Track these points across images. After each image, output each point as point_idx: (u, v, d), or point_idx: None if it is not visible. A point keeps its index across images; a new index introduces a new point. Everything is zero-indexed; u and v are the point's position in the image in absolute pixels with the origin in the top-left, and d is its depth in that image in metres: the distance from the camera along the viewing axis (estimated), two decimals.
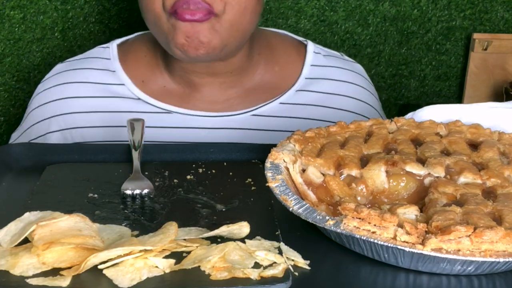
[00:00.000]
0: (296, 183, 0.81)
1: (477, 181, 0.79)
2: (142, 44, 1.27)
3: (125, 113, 1.20)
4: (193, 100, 1.22)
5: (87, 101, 1.22)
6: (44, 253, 0.66)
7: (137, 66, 1.25)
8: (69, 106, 1.22)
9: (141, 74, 1.24)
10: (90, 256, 0.65)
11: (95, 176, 0.91)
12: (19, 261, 0.66)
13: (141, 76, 1.24)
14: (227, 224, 0.73)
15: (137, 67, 1.24)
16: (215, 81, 1.21)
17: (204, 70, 1.19)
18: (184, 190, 0.87)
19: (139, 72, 1.24)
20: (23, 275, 0.65)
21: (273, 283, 0.65)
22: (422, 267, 0.69)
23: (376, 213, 0.69)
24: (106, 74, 1.24)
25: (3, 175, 0.92)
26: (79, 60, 1.28)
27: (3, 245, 0.69)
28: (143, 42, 1.28)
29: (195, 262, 0.67)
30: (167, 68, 1.23)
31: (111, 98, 1.22)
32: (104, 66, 1.25)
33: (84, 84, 1.23)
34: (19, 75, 1.61)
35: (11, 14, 1.57)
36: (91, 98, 1.22)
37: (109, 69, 1.24)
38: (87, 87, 1.23)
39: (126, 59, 1.25)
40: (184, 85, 1.22)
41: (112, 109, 1.21)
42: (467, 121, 0.94)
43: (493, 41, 1.84)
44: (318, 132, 0.89)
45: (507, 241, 0.66)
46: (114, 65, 1.25)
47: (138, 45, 1.28)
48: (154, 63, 1.24)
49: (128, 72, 1.24)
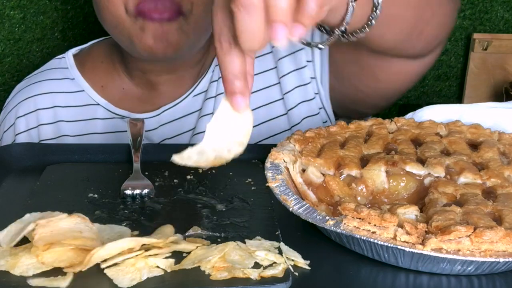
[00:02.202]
0: (296, 183, 0.81)
1: (477, 181, 0.79)
2: (98, 51, 1.29)
3: (86, 121, 1.22)
4: (152, 99, 1.23)
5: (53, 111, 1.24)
6: (43, 253, 0.66)
7: (95, 72, 1.26)
8: (37, 119, 1.24)
9: (99, 80, 1.25)
10: (94, 250, 0.65)
11: (95, 176, 0.91)
12: (19, 261, 0.66)
13: (100, 81, 1.25)
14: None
15: (95, 73, 1.26)
16: (173, 77, 1.21)
17: (163, 68, 1.19)
18: (184, 190, 0.87)
19: (98, 77, 1.25)
20: (23, 275, 0.65)
21: (273, 283, 0.65)
22: (422, 267, 0.69)
23: (376, 213, 0.69)
24: (66, 82, 1.25)
25: (3, 175, 0.92)
26: (37, 75, 1.30)
27: (3, 246, 0.69)
28: (98, 49, 1.29)
29: (195, 262, 0.67)
30: (125, 71, 1.24)
31: (73, 107, 1.23)
32: (63, 75, 1.26)
33: (47, 95, 1.24)
34: (19, 75, 1.61)
35: (11, 14, 1.57)
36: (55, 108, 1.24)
37: (68, 77, 1.26)
38: (51, 97, 1.24)
39: (83, 66, 1.27)
40: (142, 86, 1.23)
41: (74, 118, 1.23)
42: (467, 121, 0.94)
43: (493, 41, 1.84)
44: (318, 132, 0.89)
45: (507, 241, 0.66)
46: (73, 72, 1.26)
47: (94, 52, 1.29)
48: (111, 68, 1.25)
49: (87, 79, 1.25)
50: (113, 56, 1.25)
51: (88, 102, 1.23)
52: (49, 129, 1.23)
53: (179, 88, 1.22)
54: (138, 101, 1.23)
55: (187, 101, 1.21)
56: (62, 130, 1.23)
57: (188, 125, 1.20)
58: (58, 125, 1.23)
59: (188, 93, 1.21)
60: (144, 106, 1.22)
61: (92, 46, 1.31)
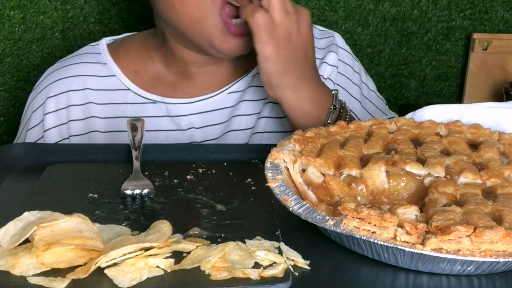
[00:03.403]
0: (296, 183, 0.81)
1: (477, 181, 0.79)
2: (131, 40, 1.31)
3: (116, 104, 1.24)
4: (186, 88, 1.25)
5: (83, 93, 1.25)
6: (43, 254, 0.66)
7: (129, 58, 1.27)
8: (68, 100, 1.24)
9: (133, 65, 1.27)
10: (98, 259, 0.65)
11: (95, 176, 0.91)
12: (19, 261, 0.66)
13: (133, 67, 1.26)
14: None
15: (128, 59, 1.27)
16: (212, 69, 1.24)
17: (208, 60, 1.21)
18: (184, 190, 0.87)
19: (131, 63, 1.27)
20: (23, 275, 0.65)
21: (273, 283, 0.65)
22: (422, 267, 0.69)
23: (376, 213, 0.69)
24: (98, 66, 1.26)
25: (3, 175, 0.92)
26: (70, 58, 1.31)
27: (3, 245, 0.69)
28: (132, 39, 1.31)
29: (195, 262, 0.67)
30: (161, 58, 1.25)
31: (104, 91, 1.25)
32: (95, 59, 1.28)
33: (78, 77, 1.25)
34: (19, 75, 1.61)
35: (11, 14, 1.57)
36: (86, 91, 1.25)
37: (100, 62, 1.27)
38: (82, 80, 1.25)
39: (116, 53, 1.28)
40: (178, 74, 1.25)
41: (105, 101, 1.24)
42: (467, 121, 0.94)
43: (493, 41, 1.84)
44: (318, 132, 0.89)
45: (507, 241, 0.66)
46: (105, 57, 1.28)
47: (127, 41, 1.31)
48: (145, 54, 1.27)
49: (119, 64, 1.27)
50: (148, 45, 1.27)
51: (119, 87, 1.25)
52: (79, 110, 1.24)
53: (214, 80, 1.24)
54: (171, 88, 1.25)
55: (221, 97, 1.23)
56: (91, 111, 1.24)
57: (219, 119, 1.23)
58: (88, 107, 1.24)
59: (224, 89, 1.24)
60: (176, 92, 1.24)
61: (126, 37, 1.33)
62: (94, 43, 1.32)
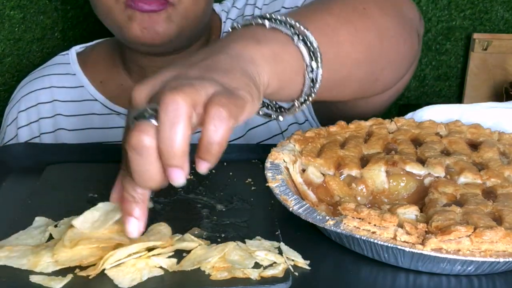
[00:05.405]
0: (296, 183, 0.81)
1: (477, 181, 0.79)
2: (100, 49, 1.31)
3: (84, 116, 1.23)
4: None
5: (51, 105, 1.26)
6: (58, 252, 0.66)
7: (96, 68, 1.27)
8: (38, 113, 1.25)
9: (99, 75, 1.27)
10: (106, 256, 0.65)
11: (95, 176, 0.91)
12: (41, 260, 0.66)
13: (99, 77, 1.27)
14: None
15: (95, 69, 1.27)
16: None
17: (161, 63, 1.18)
18: (184, 190, 0.87)
19: (98, 73, 1.27)
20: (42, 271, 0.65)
21: (273, 283, 0.65)
22: (422, 267, 0.69)
23: (376, 213, 0.69)
24: (67, 77, 1.27)
25: (3, 175, 0.92)
26: (40, 70, 1.32)
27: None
28: (101, 47, 1.31)
29: (194, 263, 0.67)
30: (124, 67, 1.25)
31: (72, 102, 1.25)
32: (65, 70, 1.28)
33: (47, 89, 1.27)
34: (19, 75, 1.61)
35: (11, 14, 1.57)
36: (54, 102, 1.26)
37: (69, 72, 1.28)
38: (51, 92, 1.26)
39: (85, 63, 1.29)
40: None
41: (73, 112, 1.24)
42: (467, 121, 0.94)
43: (493, 41, 1.84)
44: (318, 132, 0.89)
45: (507, 241, 0.66)
46: (74, 68, 1.28)
47: (97, 50, 1.31)
48: (111, 64, 1.27)
49: (87, 74, 1.27)
50: (114, 53, 1.26)
51: (86, 98, 1.25)
52: (49, 123, 1.25)
53: None
54: None
55: None
56: (59, 124, 1.24)
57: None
58: (56, 119, 1.25)
59: None
60: None
61: (96, 44, 1.33)
62: (64, 52, 1.32)
